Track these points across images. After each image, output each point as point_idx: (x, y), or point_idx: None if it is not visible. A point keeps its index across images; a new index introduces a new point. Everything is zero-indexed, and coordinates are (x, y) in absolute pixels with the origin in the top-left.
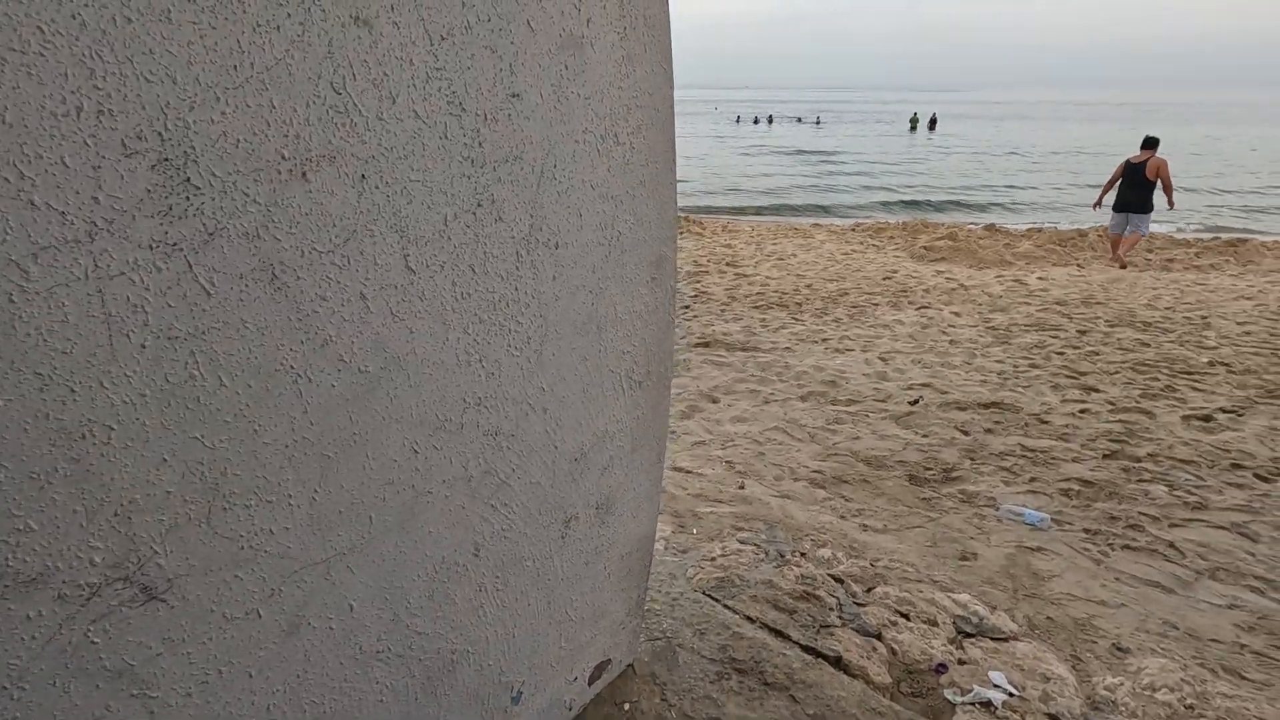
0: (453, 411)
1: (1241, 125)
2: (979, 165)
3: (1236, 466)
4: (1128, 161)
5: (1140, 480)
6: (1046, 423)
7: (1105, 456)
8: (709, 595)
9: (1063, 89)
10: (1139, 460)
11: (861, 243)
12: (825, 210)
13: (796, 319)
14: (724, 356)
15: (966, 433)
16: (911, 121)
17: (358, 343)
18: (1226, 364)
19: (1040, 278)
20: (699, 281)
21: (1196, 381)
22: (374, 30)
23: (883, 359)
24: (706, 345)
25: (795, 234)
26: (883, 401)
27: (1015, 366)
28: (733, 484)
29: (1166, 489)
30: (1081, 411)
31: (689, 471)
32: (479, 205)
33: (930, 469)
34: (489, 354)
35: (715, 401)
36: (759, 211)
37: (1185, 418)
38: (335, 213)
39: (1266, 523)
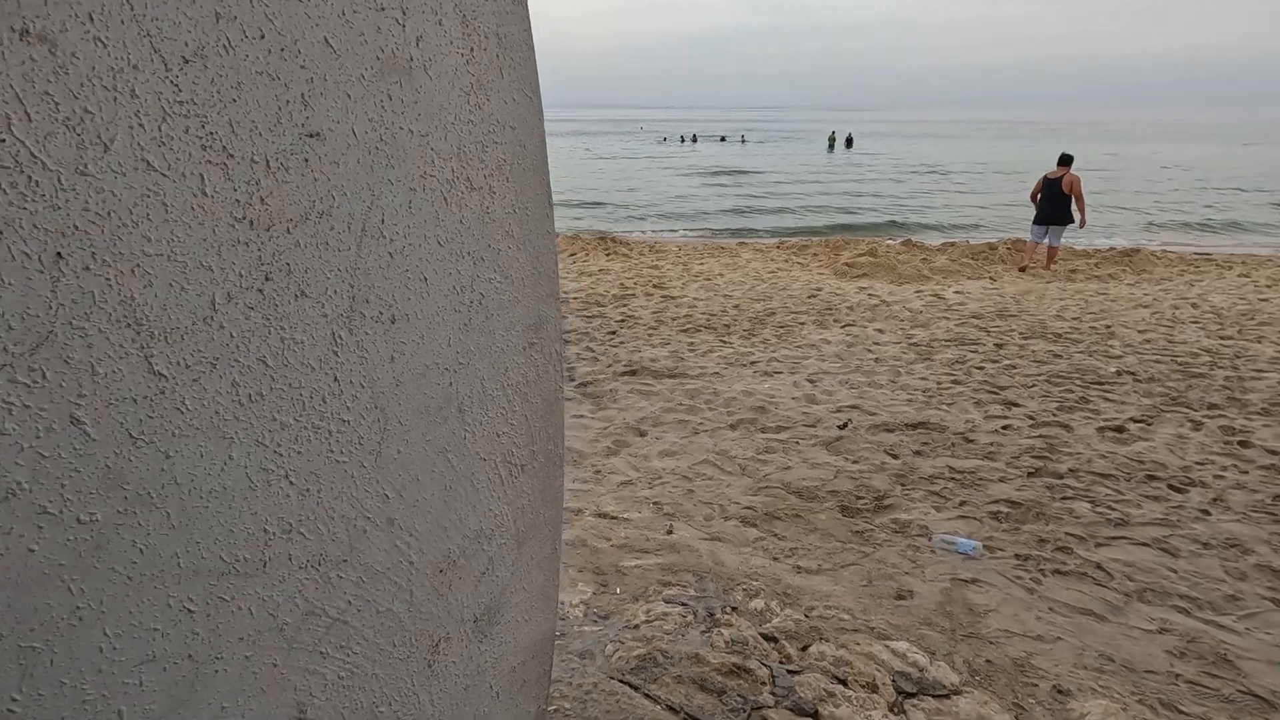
0: (248, 548)
1: (1133, 142)
2: (894, 182)
3: (1151, 478)
4: (1045, 177)
5: (1064, 498)
6: (972, 441)
7: (1030, 474)
8: (627, 682)
9: (970, 108)
10: (1061, 476)
11: (786, 260)
12: (751, 229)
13: (725, 341)
14: (652, 384)
15: (896, 456)
16: (830, 140)
17: (70, 485)
18: (1132, 373)
19: (957, 292)
20: (626, 305)
21: (1107, 392)
22: (59, 50)
23: (811, 381)
24: (634, 373)
25: (722, 253)
26: (812, 426)
27: (939, 383)
28: (660, 529)
29: (1089, 505)
30: (1004, 428)
31: (614, 517)
32: (267, 279)
33: (862, 498)
34: (300, 467)
35: (643, 434)
36: (686, 231)
37: (1100, 430)
38: (11, 310)
39: (1183, 536)
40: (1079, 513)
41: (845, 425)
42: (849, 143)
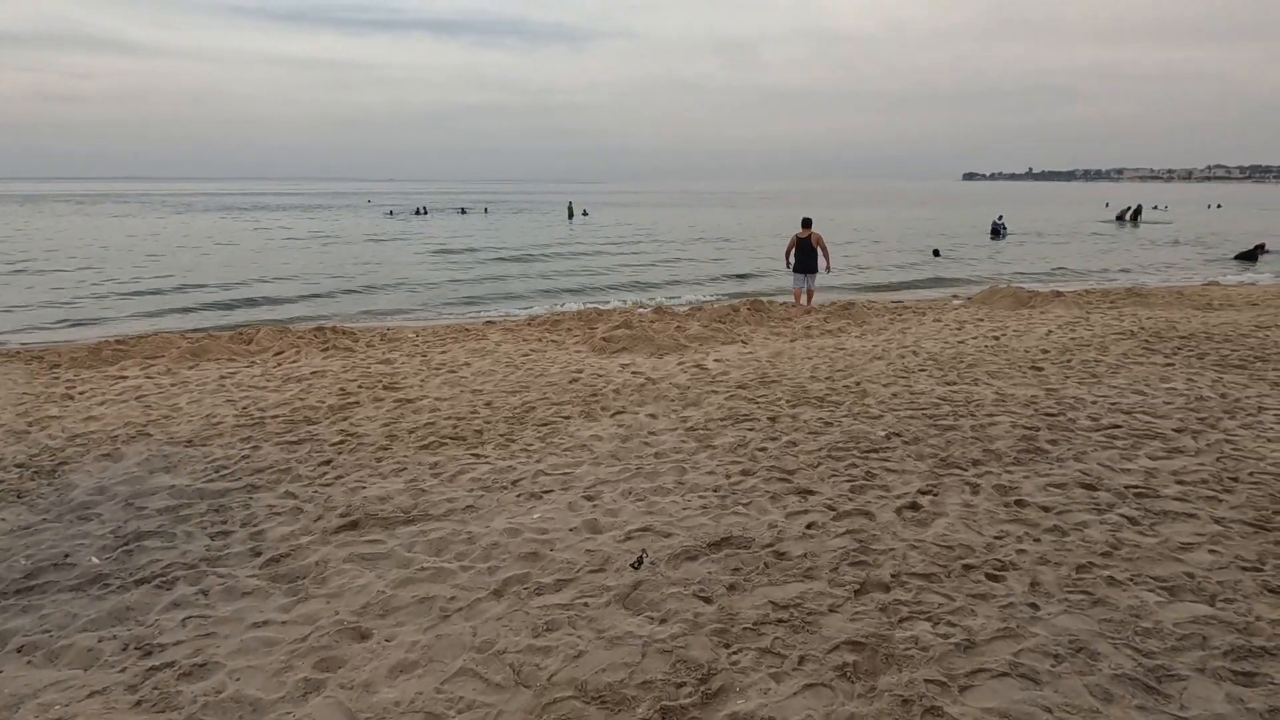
0: None
1: (814, 207)
2: (632, 248)
3: (967, 568)
4: (796, 237)
5: (901, 620)
6: (784, 556)
7: (857, 593)
8: None
9: (681, 180)
10: (888, 588)
11: (540, 339)
12: (498, 303)
13: (478, 455)
14: (381, 541)
15: (709, 599)
16: (568, 209)
17: None
18: (898, 434)
19: (717, 360)
20: (347, 418)
21: (886, 460)
22: None
23: (589, 498)
24: (354, 525)
25: (467, 336)
26: (601, 571)
27: (728, 476)
28: None
29: (930, 627)
30: (809, 527)
31: None
32: None
33: (684, 684)
34: None
35: (365, 639)
36: (425, 313)
37: (898, 511)
38: None
39: (1032, 650)
40: (924, 641)
41: (640, 562)
42: (585, 213)
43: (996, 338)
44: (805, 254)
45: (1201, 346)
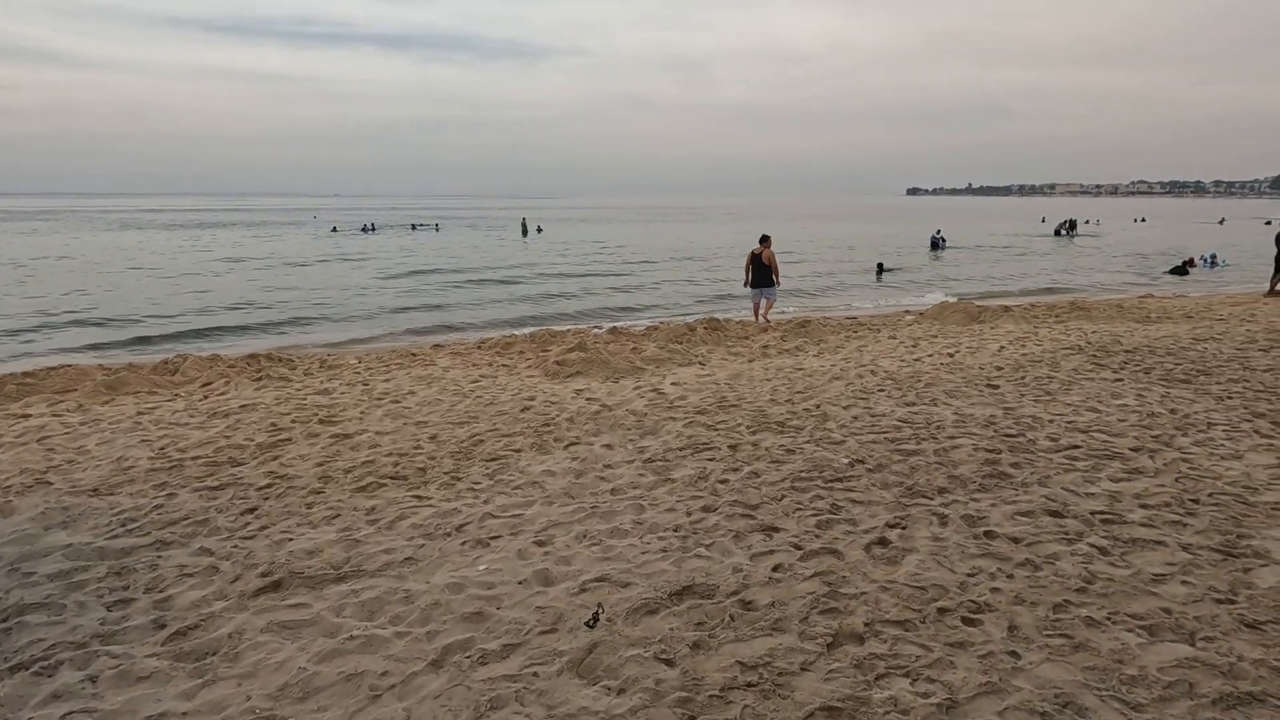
0: None
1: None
2: (587, 265)
3: (942, 611)
4: (752, 253)
5: (879, 678)
6: (750, 605)
7: (830, 647)
8: None
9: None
10: (862, 639)
11: (490, 364)
12: (448, 327)
13: (420, 497)
14: (306, 605)
15: (670, 661)
16: (522, 226)
17: None
18: (862, 460)
19: (674, 383)
20: (277, 458)
21: (850, 490)
22: None
23: (540, 543)
24: (276, 587)
25: (413, 362)
26: (553, 632)
27: (689, 514)
28: None
29: (909, 684)
30: (775, 570)
31: None
32: None
33: None
34: None
35: None
36: (371, 336)
37: (867, 548)
38: None
39: (1017, 708)
40: (904, 703)
41: (596, 620)
42: (539, 229)
43: (951, 355)
44: (760, 270)
45: (1146, 361)
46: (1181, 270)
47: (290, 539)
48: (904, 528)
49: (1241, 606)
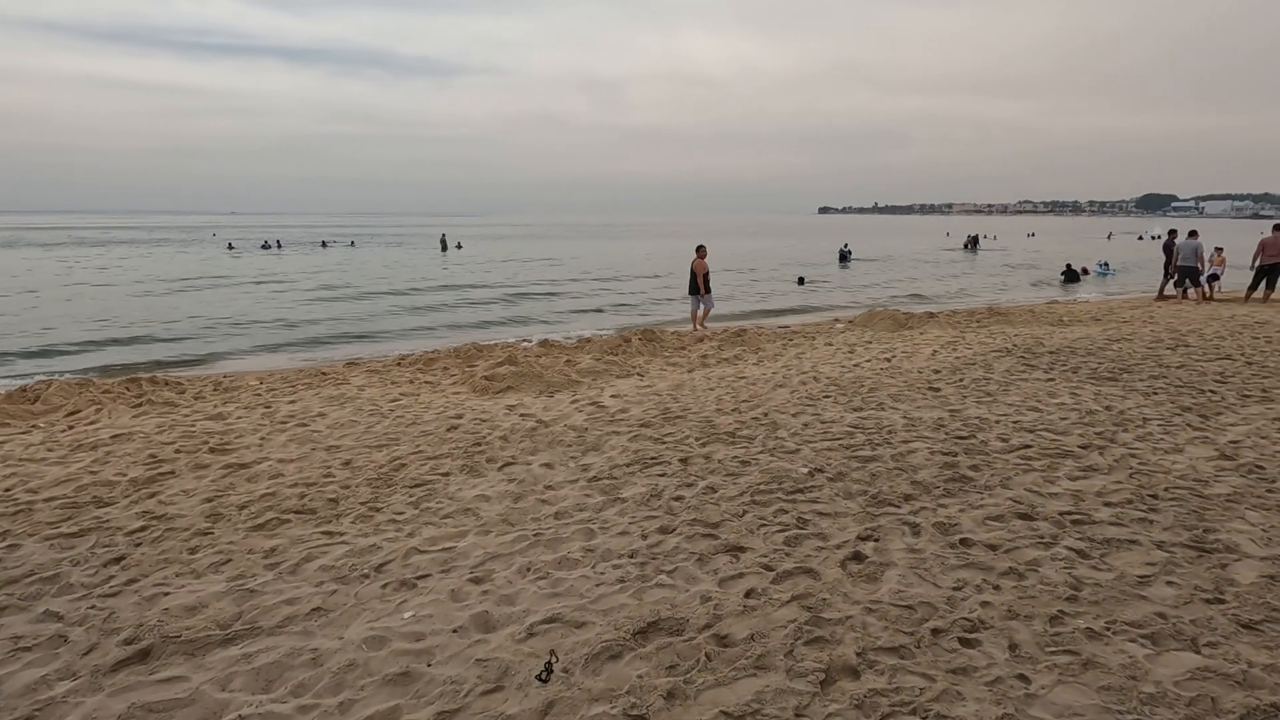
0: None
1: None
2: (511, 280)
3: (937, 633)
4: (692, 262)
5: (884, 719)
6: (726, 640)
7: (823, 684)
8: None
9: (550, 214)
10: (857, 672)
11: (412, 381)
12: (361, 336)
13: (331, 533)
14: (181, 679)
15: (644, 718)
16: (441, 242)
17: None
18: (821, 469)
19: (614, 395)
20: (154, 495)
21: (814, 502)
22: None
23: (477, 581)
24: (143, 657)
25: (324, 381)
26: (498, 691)
27: (644, 536)
28: None
29: None
30: (748, 595)
31: None
32: None
33: None
34: None
35: None
36: (272, 357)
37: (843, 564)
38: None
39: None
40: None
41: (548, 672)
42: (458, 245)
43: (888, 360)
44: (692, 278)
45: (1071, 361)
46: (1074, 276)
47: (166, 593)
48: (877, 539)
49: (1232, 606)
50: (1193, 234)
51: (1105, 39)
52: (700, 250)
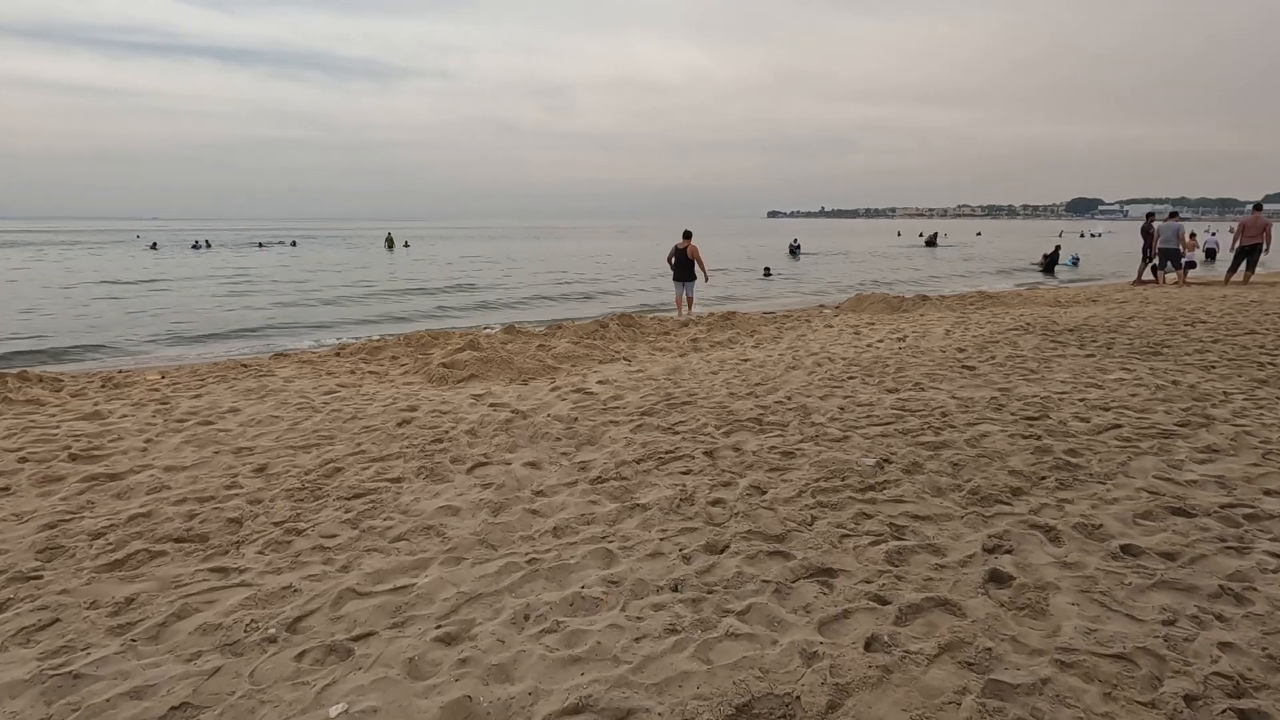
0: None
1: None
2: (464, 277)
3: (1191, 700)
4: (676, 247)
5: None
6: None
7: None
8: None
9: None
10: None
11: (354, 371)
12: (298, 335)
13: (224, 570)
14: None
15: None
16: (387, 241)
17: None
18: (888, 459)
19: (601, 381)
20: None
21: (900, 502)
22: None
23: (449, 640)
24: None
25: (242, 373)
26: None
27: (687, 559)
28: None
29: None
30: (869, 648)
31: None
32: None
33: None
34: None
35: None
36: (182, 352)
37: (984, 589)
38: None
39: None
40: None
41: None
42: (405, 244)
43: (901, 340)
44: (682, 264)
45: (1100, 337)
46: (1053, 264)
47: None
48: (1010, 551)
49: None
50: (1173, 215)
51: (1036, 54)
52: (688, 235)
